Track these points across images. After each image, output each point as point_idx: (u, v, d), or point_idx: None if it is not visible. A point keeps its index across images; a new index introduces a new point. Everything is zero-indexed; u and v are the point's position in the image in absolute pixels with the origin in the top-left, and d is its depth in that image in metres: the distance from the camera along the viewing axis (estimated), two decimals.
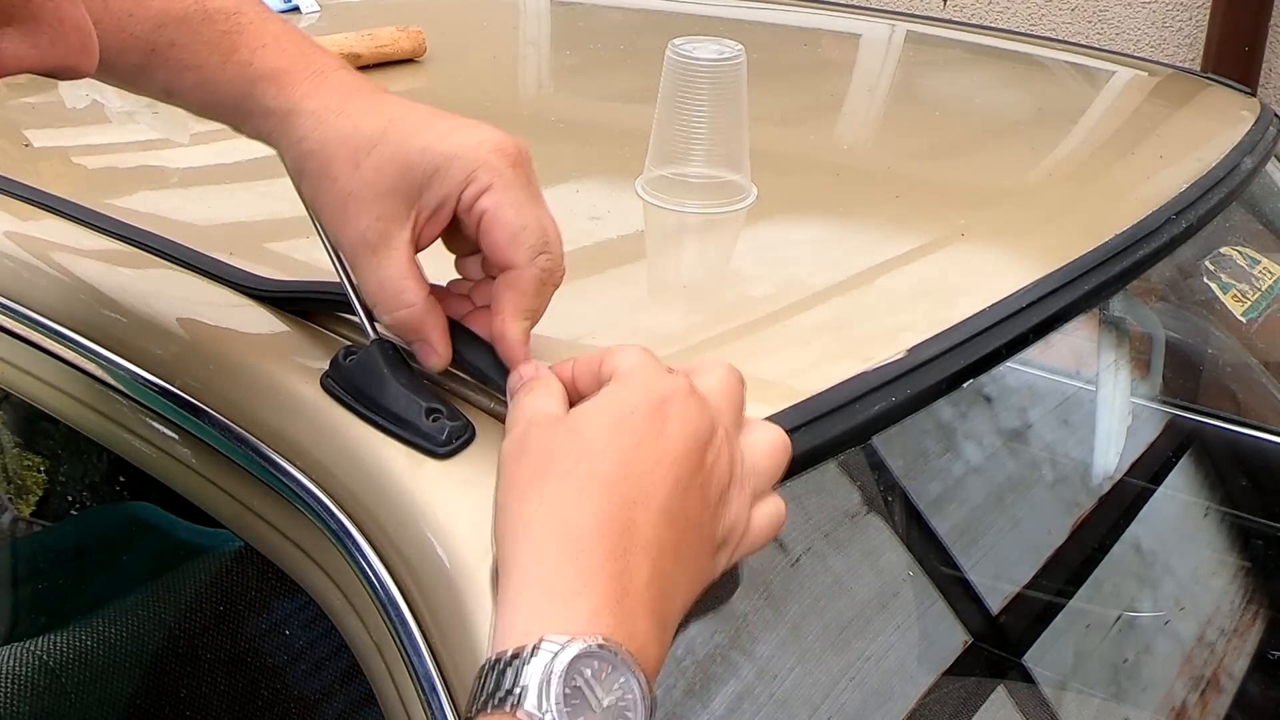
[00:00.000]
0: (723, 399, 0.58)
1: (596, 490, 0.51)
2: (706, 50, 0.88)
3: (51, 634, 0.93)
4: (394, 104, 0.64)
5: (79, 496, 1.04)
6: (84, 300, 0.78)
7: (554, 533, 0.51)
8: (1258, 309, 1.26)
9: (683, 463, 0.53)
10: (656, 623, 0.50)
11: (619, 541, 0.50)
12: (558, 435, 0.54)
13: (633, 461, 0.52)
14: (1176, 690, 1.15)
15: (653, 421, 0.54)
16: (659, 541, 0.51)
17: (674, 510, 0.52)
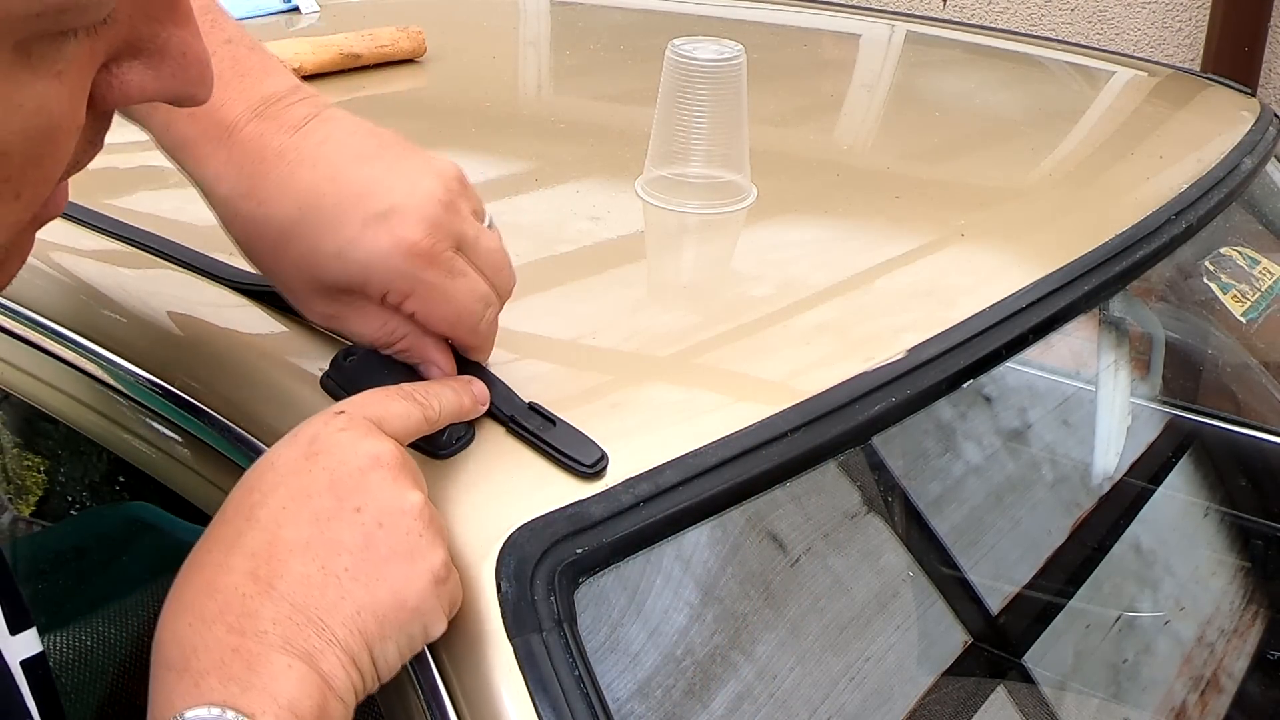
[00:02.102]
0: (403, 425, 0.58)
1: (217, 554, 0.53)
2: (706, 50, 0.88)
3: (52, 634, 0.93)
4: (306, 174, 0.60)
5: (79, 496, 1.04)
6: (84, 300, 0.78)
7: (173, 614, 0.52)
8: (1258, 309, 1.26)
9: (323, 495, 0.54)
10: (294, 656, 0.50)
11: (233, 597, 0.51)
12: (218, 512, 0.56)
13: (259, 508, 0.54)
14: (1176, 690, 1.15)
15: (298, 464, 0.55)
16: (291, 577, 0.52)
17: (315, 541, 0.53)
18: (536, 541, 0.58)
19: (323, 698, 0.50)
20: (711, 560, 0.85)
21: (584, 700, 0.56)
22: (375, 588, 0.53)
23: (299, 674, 0.50)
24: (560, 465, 0.62)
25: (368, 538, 0.53)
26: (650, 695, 0.76)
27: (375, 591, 0.53)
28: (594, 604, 0.71)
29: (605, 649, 0.73)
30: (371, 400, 0.58)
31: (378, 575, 0.53)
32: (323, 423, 0.56)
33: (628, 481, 0.61)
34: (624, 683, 0.74)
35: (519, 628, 0.56)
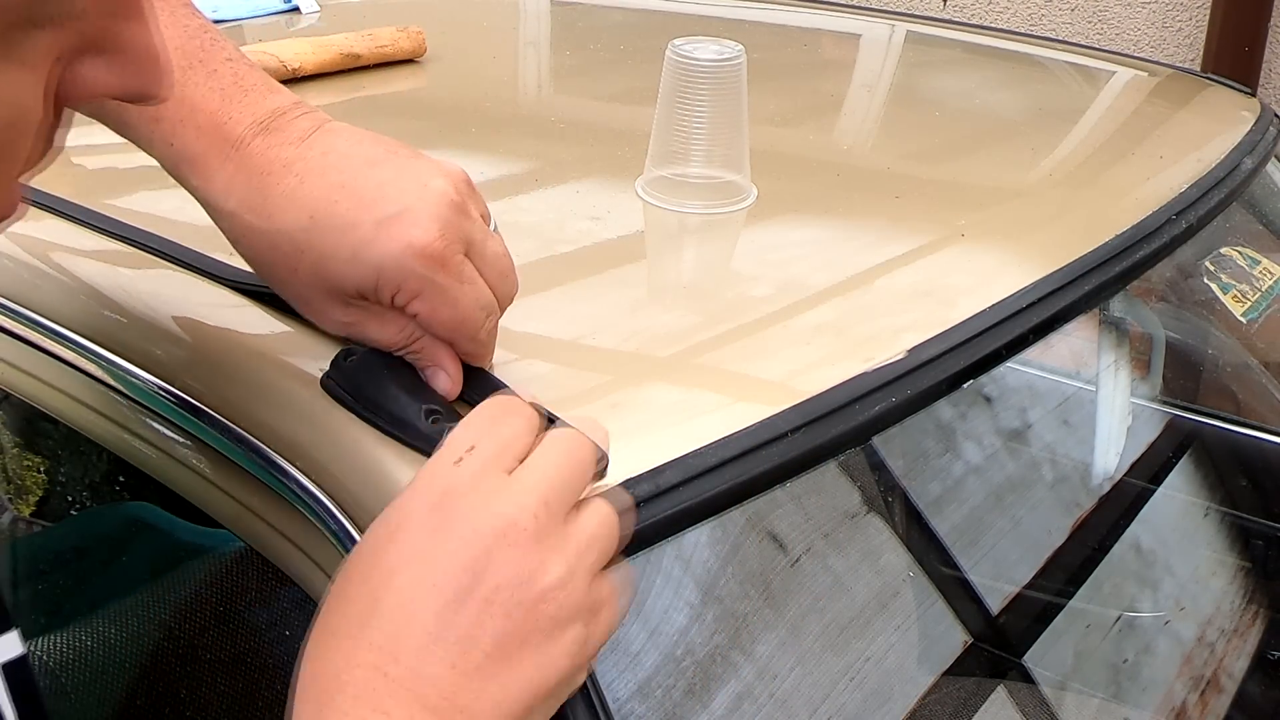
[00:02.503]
0: (532, 481, 0.53)
1: (345, 630, 0.50)
2: (706, 50, 0.88)
3: (52, 634, 0.93)
4: (316, 183, 0.61)
5: (79, 496, 1.04)
6: (84, 300, 0.78)
7: (306, 685, 0.50)
8: (1258, 309, 1.26)
9: (453, 574, 0.50)
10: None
11: (364, 685, 0.48)
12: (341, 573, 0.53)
13: (385, 589, 0.50)
14: (1176, 690, 1.15)
15: (427, 530, 0.51)
16: (420, 672, 0.49)
17: (443, 633, 0.49)
18: None
19: None
20: (712, 560, 0.85)
21: (584, 700, 0.56)
22: (512, 680, 0.50)
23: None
24: None
25: (501, 630, 0.50)
26: (650, 695, 0.76)
27: (513, 684, 0.50)
28: None
29: (605, 649, 0.73)
30: (505, 429, 0.55)
31: (514, 667, 0.50)
32: (449, 467, 0.53)
33: (628, 481, 0.61)
34: (624, 683, 0.74)
35: None
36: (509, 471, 0.53)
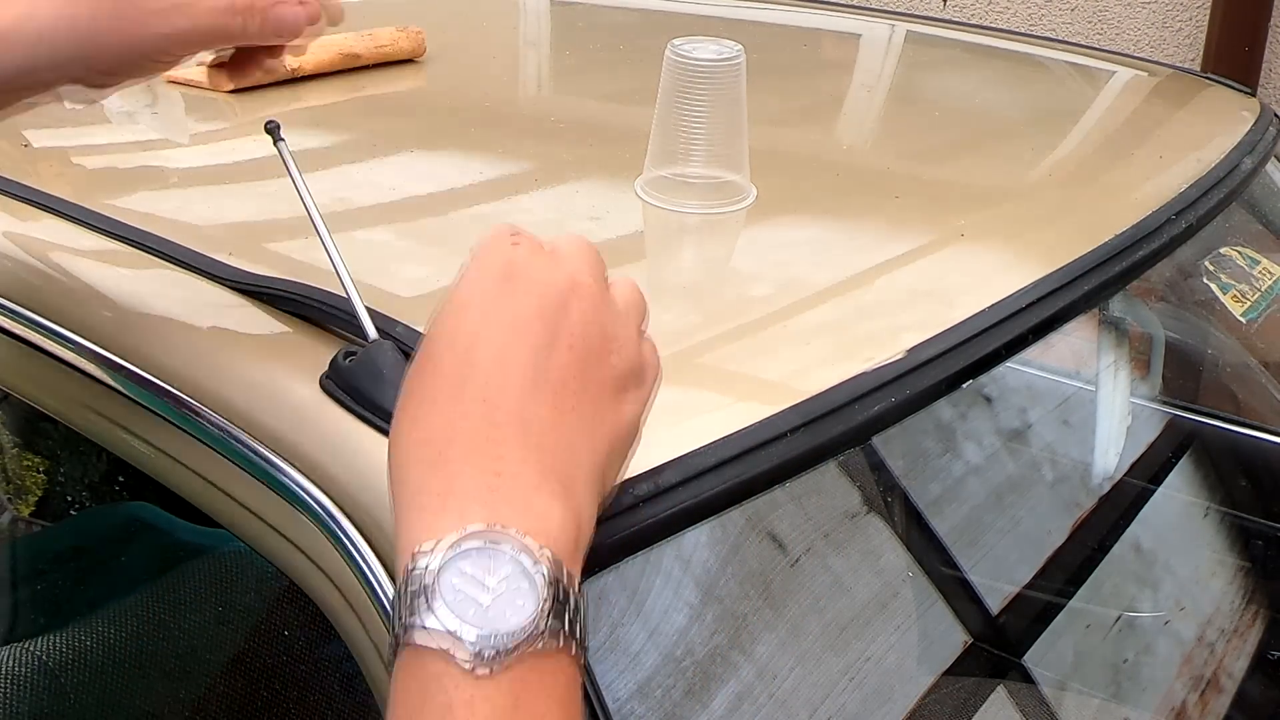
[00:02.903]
0: (576, 255, 0.57)
1: (444, 393, 0.52)
2: (706, 50, 0.88)
3: (51, 634, 0.93)
4: None
5: (79, 496, 1.05)
6: (84, 300, 0.78)
7: (412, 451, 0.52)
8: (1258, 309, 1.26)
9: (536, 326, 0.53)
10: (556, 485, 0.51)
11: (477, 428, 0.51)
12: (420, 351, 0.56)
13: (475, 348, 0.53)
14: (1176, 690, 1.15)
15: (500, 294, 0.54)
16: (528, 414, 0.52)
17: (539, 378, 0.53)
18: None
19: (578, 530, 0.51)
20: (711, 560, 0.85)
21: (584, 700, 0.55)
22: (600, 410, 0.54)
23: (558, 504, 0.50)
24: None
25: (584, 367, 0.54)
26: (650, 695, 0.76)
27: (599, 420, 0.54)
28: (594, 604, 0.71)
29: (605, 649, 0.73)
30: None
31: (598, 405, 0.54)
32: (507, 245, 0.56)
33: (627, 481, 0.61)
34: (624, 683, 0.74)
35: None
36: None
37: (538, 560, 0.48)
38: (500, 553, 0.47)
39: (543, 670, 0.47)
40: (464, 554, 0.47)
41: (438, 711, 0.46)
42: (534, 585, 0.47)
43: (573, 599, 0.49)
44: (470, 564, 0.47)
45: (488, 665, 0.46)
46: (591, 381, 0.54)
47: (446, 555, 0.47)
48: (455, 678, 0.46)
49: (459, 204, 0.93)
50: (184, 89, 1.20)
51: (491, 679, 0.46)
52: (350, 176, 0.97)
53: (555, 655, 0.48)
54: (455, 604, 0.46)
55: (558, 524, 0.50)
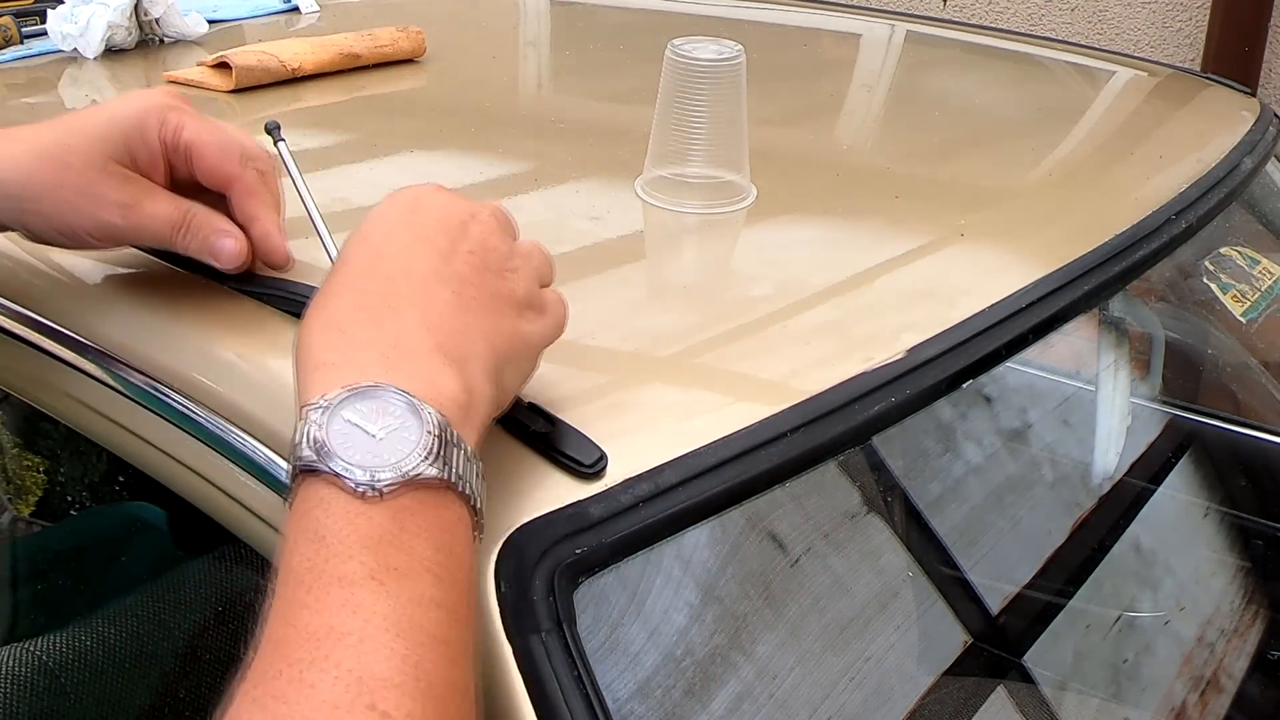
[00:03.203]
0: (480, 203, 0.63)
1: (351, 283, 0.57)
2: (706, 50, 0.88)
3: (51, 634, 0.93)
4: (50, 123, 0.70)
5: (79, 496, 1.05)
6: (84, 300, 0.78)
7: (316, 332, 0.55)
8: (1258, 309, 1.27)
9: (438, 238, 0.59)
10: (451, 360, 0.55)
11: (379, 311, 0.55)
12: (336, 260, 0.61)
13: (383, 250, 0.58)
14: (1176, 690, 1.15)
15: (407, 216, 0.60)
16: (428, 296, 0.56)
17: (442, 270, 0.58)
18: (536, 542, 0.58)
19: (469, 400, 0.54)
20: (711, 560, 0.85)
21: (584, 701, 0.56)
22: (497, 316, 0.59)
23: (451, 374, 0.54)
24: (560, 465, 0.62)
25: (482, 275, 0.59)
26: (650, 695, 0.76)
27: (497, 319, 0.59)
28: (594, 604, 0.71)
29: (605, 649, 0.73)
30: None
31: (496, 306, 0.59)
32: (414, 189, 0.62)
33: (627, 481, 0.61)
34: (624, 683, 0.74)
35: (518, 628, 0.56)
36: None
37: (426, 406, 0.51)
38: (389, 399, 0.51)
39: (426, 502, 0.50)
40: (357, 396, 0.51)
41: (323, 528, 0.48)
42: (421, 425, 0.51)
43: (463, 451, 0.52)
44: (362, 405, 0.51)
45: (375, 490, 0.49)
46: (489, 287, 0.59)
47: (341, 398, 0.51)
48: (342, 500, 0.49)
49: None
50: (184, 89, 1.20)
51: (378, 503, 0.49)
52: (350, 176, 0.97)
53: (441, 491, 0.51)
54: (346, 438, 0.50)
55: (449, 390, 0.53)
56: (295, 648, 0.45)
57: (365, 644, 0.45)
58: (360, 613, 0.46)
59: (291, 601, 0.47)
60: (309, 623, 0.46)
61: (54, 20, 1.31)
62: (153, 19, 1.35)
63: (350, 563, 0.47)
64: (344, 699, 0.44)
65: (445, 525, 0.51)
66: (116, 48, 1.32)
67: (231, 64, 1.17)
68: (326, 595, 0.46)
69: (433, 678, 0.46)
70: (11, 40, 1.35)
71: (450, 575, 0.49)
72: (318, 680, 0.44)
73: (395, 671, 0.45)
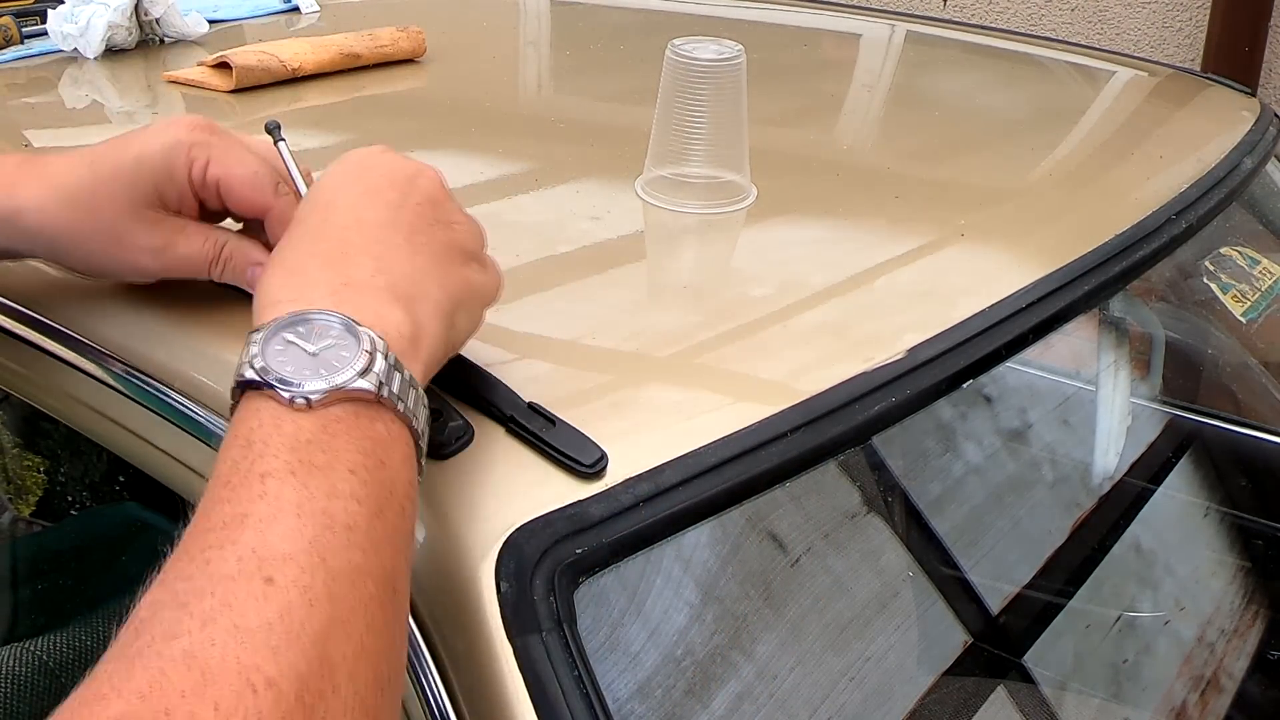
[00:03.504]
0: (426, 166, 0.65)
1: (305, 234, 0.59)
2: (706, 50, 0.88)
3: (51, 634, 0.93)
4: (72, 152, 0.69)
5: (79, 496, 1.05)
6: (84, 300, 0.78)
7: (272, 281, 0.57)
8: (1258, 309, 1.27)
9: (387, 191, 0.61)
10: (395, 299, 0.56)
11: (331, 255, 0.57)
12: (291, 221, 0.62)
13: (334, 204, 0.60)
14: (1176, 690, 1.15)
15: (357, 174, 0.62)
16: (380, 242, 0.58)
17: (393, 219, 0.60)
18: (536, 542, 0.58)
19: (415, 334, 0.56)
20: (711, 560, 0.85)
21: (584, 700, 0.56)
22: (446, 264, 0.60)
23: (401, 310, 0.56)
24: (560, 465, 0.62)
25: (431, 224, 0.61)
26: (650, 695, 0.76)
27: (447, 266, 0.60)
28: (594, 604, 0.71)
29: (605, 649, 0.73)
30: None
31: (447, 255, 0.61)
32: (364, 151, 0.64)
33: (628, 481, 0.61)
34: (624, 683, 0.74)
35: (519, 628, 0.56)
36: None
37: (365, 328, 0.53)
38: (329, 321, 0.53)
39: (359, 414, 0.52)
40: (298, 320, 0.53)
41: (251, 434, 0.50)
42: (358, 344, 0.52)
43: (404, 376, 0.53)
44: (302, 327, 0.53)
45: (305, 399, 0.51)
46: (438, 236, 0.61)
47: (282, 322, 0.53)
48: (272, 409, 0.51)
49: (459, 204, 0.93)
50: (184, 89, 1.20)
51: (307, 411, 0.51)
52: None
53: (375, 406, 0.52)
54: (282, 354, 0.52)
55: (393, 320, 0.55)
56: (205, 534, 0.47)
57: (267, 524, 0.47)
58: (268, 498, 0.48)
59: (212, 498, 0.48)
60: (223, 512, 0.47)
61: (54, 20, 1.31)
62: (153, 19, 1.35)
63: (271, 460, 0.49)
64: (239, 571, 0.45)
65: (376, 436, 0.52)
66: (117, 48, 1.32)
67: (232, 64, 1.17)
68: (244, 488, 0.48)
69: (331, 557, 0.47)
70: (12, 40, 1.35)
71: (373, 478, 0.50)
72: (219, 559, 0.46)
73: (292, 547, 0.46)
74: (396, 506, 0.51)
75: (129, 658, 0.43)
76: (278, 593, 0.45)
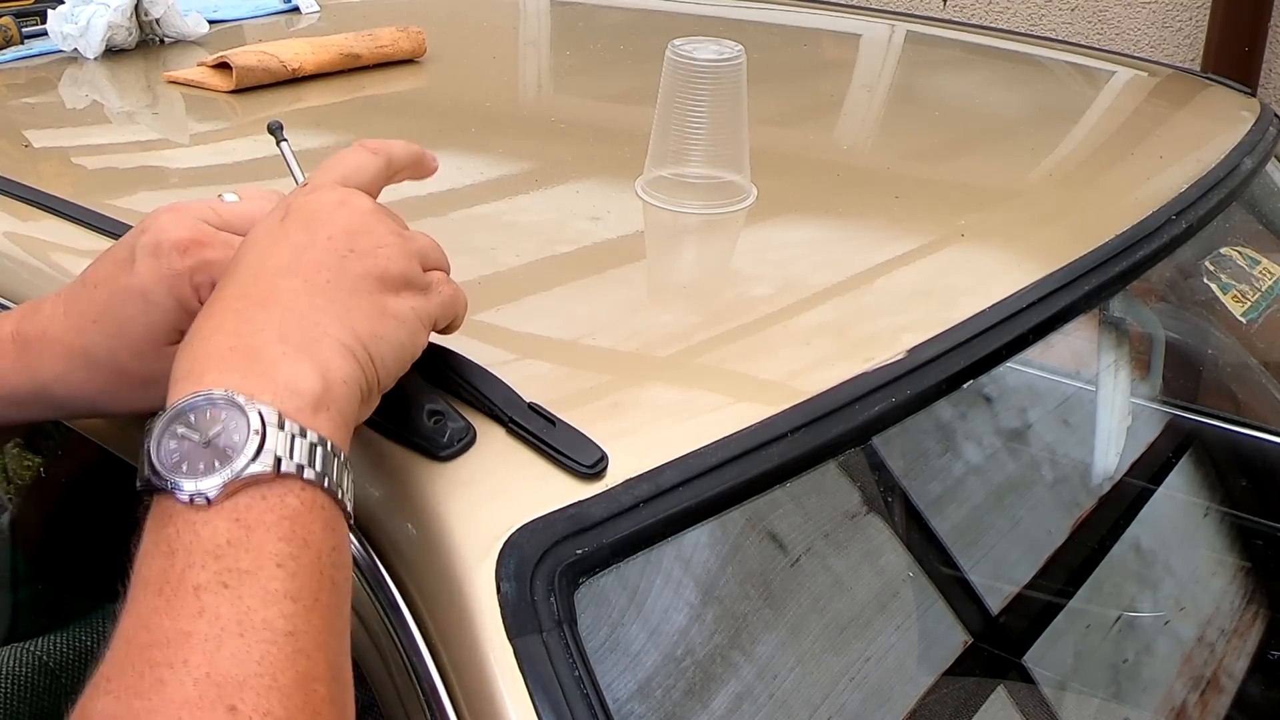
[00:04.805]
0: (357, 194, 0.63)
1: (216, 296, 0.58)
2: (706, 50, 0.88)
3: (51, 634, 0.93)
4: (55, 307, 0.67)
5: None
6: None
7: (182, 347, 0.56)
8: (1258, 309, 1.27)
9: (297, 234, 0.59)
10: (290, 346, 0.54)
11: (225, 317, 0.56)
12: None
13: (242, 260, 0.59)
14: (1176, 690, 1.15)
15: (274, 223, 0.60)
16: (274, 291, 0.56)
17: (293, 263, 0.58)
18: (536, 542, 0.58)
19: (323, 380, 0.54)
20: (711, 560, 0.85)
21: (584, 701, 0.56)
22: (357, 295, 0.58)
23: (294, 360, 0.54)
24: (560, 465, 0.62)
25: (342, 257, 0.58)
26: (650, 695, 0.76)
27: (358, 298, 0.58)
28: (594, 604, 0.71)
29: (605, 649, 0.73)
30: (332, 163, 0.65)
31: (357, 286, 0.58)
32: (293, 196, 0.62)
33: (628, 482, 0.61)
34: (624, 683, 0.74)
35: (519, 628, 0.56)
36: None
37: (253, 402, 0.52)
38: (215, 403, 0.52)
39: (267, 497, 0.51)
40: (187, 407, 0.52)
41: (170, 541, 0.49)
42: (247, 423, 0.51)
43: (308, 440, 0.52)
44: (192, 415, 0.52)
45: (205, 498, 0.50)
46: (350, 270, 0.58)
47: (173, 411, 0.52)
48: (181, 512, 0.50)
49: (459, 204, 0.93)
50: (184, 89, 1.21)
51: (211, 508, 0.50)
52: None
53: (278, 482, 0.51)
54: (176, 452, 0.51)
55: (286, 378, 0.53)
56: (151, 650, 0.47)
57: (214, 645, 0.47)
58: (207, 615, 0.47)
59: (146, 607, 0.48)
60: (163, 626, 0.47)
61: (54, 20, 1.31)
62: (153, 19, 1.35)
63: (199, 572, 0.48)
64: (202, 699, 0.46)
65: (291, 514, 0.51)
66: (117, 48, 1.32)
67: (232, 64, 1.17)
68: (178, 601, 0.48)
69: (281, 674, 0.48)
70: (12, 40, 1.35)
71: (302, 566, 0.50)
72: (174, 680, 0.46)
73: (244, 671, 0.47)
74: (329, 585, 0.51)
75: None
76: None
